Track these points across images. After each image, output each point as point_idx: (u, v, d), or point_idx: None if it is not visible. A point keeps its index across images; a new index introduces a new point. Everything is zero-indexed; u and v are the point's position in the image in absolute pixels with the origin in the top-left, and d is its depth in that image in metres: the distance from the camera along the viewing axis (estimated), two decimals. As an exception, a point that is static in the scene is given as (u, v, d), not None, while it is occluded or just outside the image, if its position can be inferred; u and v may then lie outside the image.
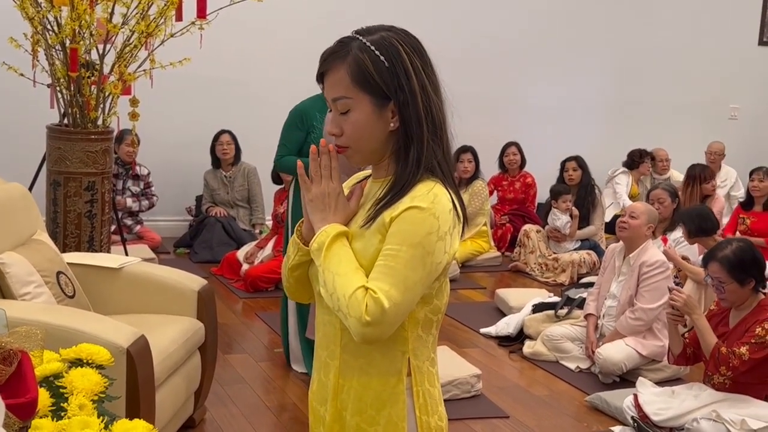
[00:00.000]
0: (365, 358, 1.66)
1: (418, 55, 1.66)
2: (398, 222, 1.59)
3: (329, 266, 1.60)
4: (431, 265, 1.59)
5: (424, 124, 1.64)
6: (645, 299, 4.54)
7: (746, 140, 9.07)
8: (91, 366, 2.00)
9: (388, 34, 1.65)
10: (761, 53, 9.22)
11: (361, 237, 1.64)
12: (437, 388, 1.74)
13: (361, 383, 1.67)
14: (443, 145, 1.68)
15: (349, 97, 1.63)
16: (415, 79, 1.63)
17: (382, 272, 1.57)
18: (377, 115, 1.63)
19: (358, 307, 1.55)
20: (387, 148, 1.67)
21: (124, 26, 4.30)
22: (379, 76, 1.61)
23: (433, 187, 1.61)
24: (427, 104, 1.65)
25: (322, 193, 1.65)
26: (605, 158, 7.95)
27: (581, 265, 6.67)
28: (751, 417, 3.56)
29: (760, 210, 6.40)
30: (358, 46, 1.63)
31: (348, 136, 1.65)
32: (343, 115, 1.65)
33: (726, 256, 3.71)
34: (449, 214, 1.61)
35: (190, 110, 7.18)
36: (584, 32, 8.37)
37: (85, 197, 4.29)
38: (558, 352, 4.80)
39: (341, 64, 1.63)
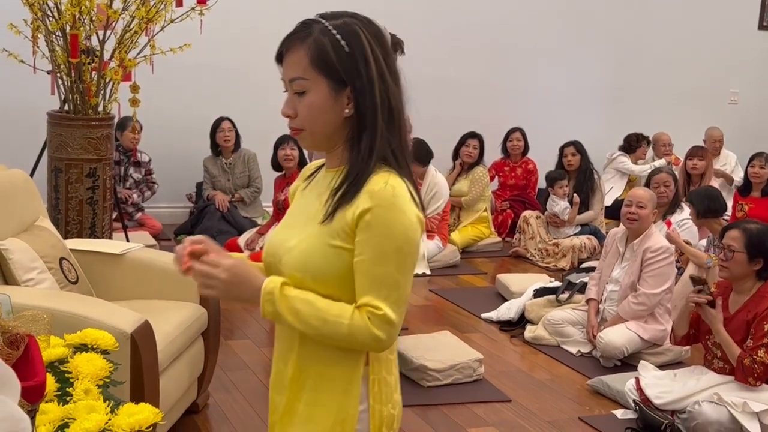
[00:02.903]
0: (322, 349, 1.65)
1: (379, 43, 1.64)
2: (368, 228, 1.56)
3: (303, 323, 1.59)
4: (415, 259, 1.61)
5: (379, 113, 1.61)
6: (648, 284, 4.54)
7: (745, 125, 9.05)
8: (96, 351, 2.01)
9: (351, 20, 1.64)
10: (761, 37, 9.19)
11: (320, 234, 1.62)
12: (394, 375, 1.74)
13: (319, 373, 1.67)
14: (399, 134, 1.65)
15: (306, 78, 1.61)
16: (374, 67, 1.61)
17: (376, 283, 1.57)
18: (333, 99, 1.61)
19: (365, 332, 1.57)
20: (341, 136, 1.65)
21: (125, 12, 4.29)
22: (338, 61, 1.60)
23: (388, 178, 1.59)
24: (385, 93, 1.62)
25: (227, 277, 1.60)
26: (605, 143, 7.95)
27: (582, 250, 6.67)
28: (752, 400, 3.58)
29: (758, 196, 6.38)
30: (320, 29, 1.62)
31: (302, 118, 1.64)
32: (298, 97, 1.63)
33: (749, 229, 3.77)
34: (411, 201, 1.60)
35: (191, 96, 7.17)
36: (585, 18, 8.35)
37: (87, 184, 4.29)
38: (559, 336, 4.81)
39: (301, 45, 1.62)
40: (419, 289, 5.86)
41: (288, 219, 1.77)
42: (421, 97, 6.81)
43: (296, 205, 1.78)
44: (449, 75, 7.73)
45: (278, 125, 6.81)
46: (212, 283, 1.62)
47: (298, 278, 1.63)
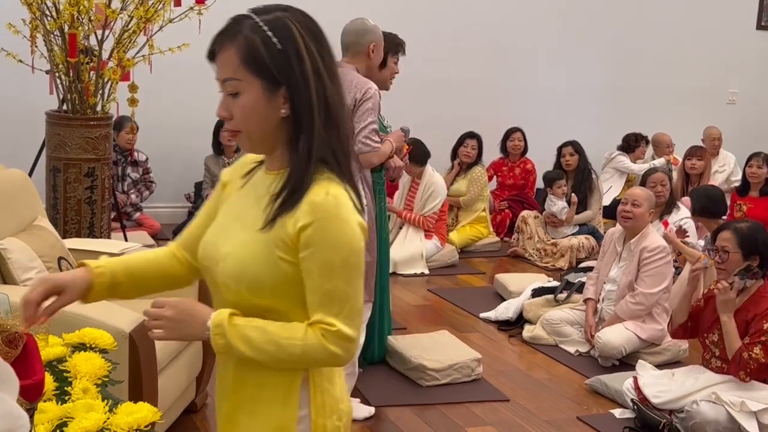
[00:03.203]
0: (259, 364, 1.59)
1: (314, 38, 1.57)
2: (312, 243, 1.51)
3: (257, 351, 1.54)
4: (362, 267, 1.56)
5: (316, 112, 1.55)
6: (646, 284, 4.55)
7: (744, 125, 9.06)
8: (94, 350, 2.02)
9: (283, 14, 1.57)
10: (760, 37, 9.20)
11: (257, 242, 1.56)
12: (338, 384, 1.67)
13: (257, 382, 1.61)
14: (338, 134, 1.58)
15: (238, 79, 1.55)
16: (309, 64, 1.54)
17: (327, 299, 1.52)
18: (267, 99, 1.55)
19: (320, 349, 1.52)
20: (279, 137, 1.58)
21: (123, 11, 4.29)
22: (270, 59, 1.53)
23: (328, 187, 1.53)
24: (321, 91, 1.55)
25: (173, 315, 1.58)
26: (604, 143, 7.95)
27: (580, 249, 6.68)
28: (750, 399, 3.58)
29: (756, 195, 6.38)
30: (250, 25, 1.55)
31: (238, 120, 1.57)
32: (232, 98, 1.56)
33: (740, 228, 3.77)
34: (354, 210, 1.55)
35: (189, 96, 7.16)
36: (584, 18, 8.35)
37: (85, 183, 4.30)
38: (557, 335, 4.81)
39: (231, 43, 1.55)
40: (417, 289, 5.86)
41: (223, 219, 1.69)
42: (420, 96, 6.90)
43: (232, 206, 1.69)
44: (448, 75, 7.73)
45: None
46: (160, 324, 1.58)
47: (232, 288, 1.57)
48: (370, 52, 3.64)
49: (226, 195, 1.75)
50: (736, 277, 3.65)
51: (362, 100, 3.51)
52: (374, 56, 3.68)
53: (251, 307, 1.57)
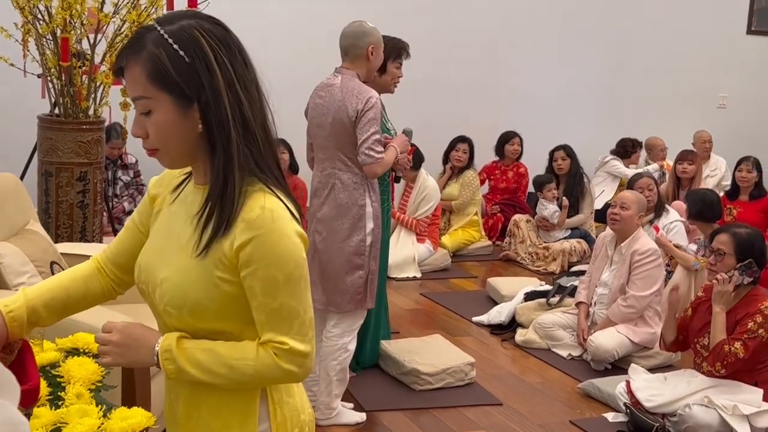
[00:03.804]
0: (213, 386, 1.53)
1: (225, 47, 1.47)
2: (253, 261, 1.45)
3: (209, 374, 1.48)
4: (306, 276, 1.51)
5: (232, 127, 1.45)
6: (637, 287, 4.56)
7: (734, 129, 9.10)
8: (88, 355, 2.00)
9: (189, 23, 1.46)
10: (750, 42, 9.25)
11: (195, 267, 1.49)
12: (297, 395, 1.63)
13: (210, 412, 1.56)
14: (259, 144, 1.49)
15: (148, 97, 1.45)
16: (220, 76, 1.45)
17: (275, 317, 1.47)
18: (181, 116, 1.46)
19: (273, 368, 1.48)
20: (198, 152, 1.51)
21: (116, 16, 4.29)
22: (178, 74, 1.43)
23: (262, 201, 1.46)
24: (235, 103, 1.46)
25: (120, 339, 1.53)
26: (597, 147, 7.97)
27: (572, 253, 6.69)
28: (742, 402, 3.60)
29: (746, 200, 6.41)
30: (154, 38, 1.44)
31: (154, 138, 1.48)
32: (145, 116, 1.47)
33: (738, 233, 3.79)
34: (291, 221, 1.48)
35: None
36: (576, 23, 8.37)
37: (77, 187, 4.28)
38: (550, 339, 4.82)
39: (137, 59, 1.45)
40: (410, 293, 5.86)
41: (157, 239, 1.62)
42: (412, 100, 6.90)
43: (164, 224, 1.62)
44: (439, 79, 7.74)
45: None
46: (106, 350, 1.53)
47: (174, 314, 1.52)
48: (369, 54, 3.64)
49: (155, 210, 1.67)
50: (736, 271, 3.68)
51: (364, 110, 3.50)
52: (374, 58, 3.67)
53: (197, 331, 1.52)
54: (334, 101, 3.56)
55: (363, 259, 3.59)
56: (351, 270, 3.58)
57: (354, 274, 3.58)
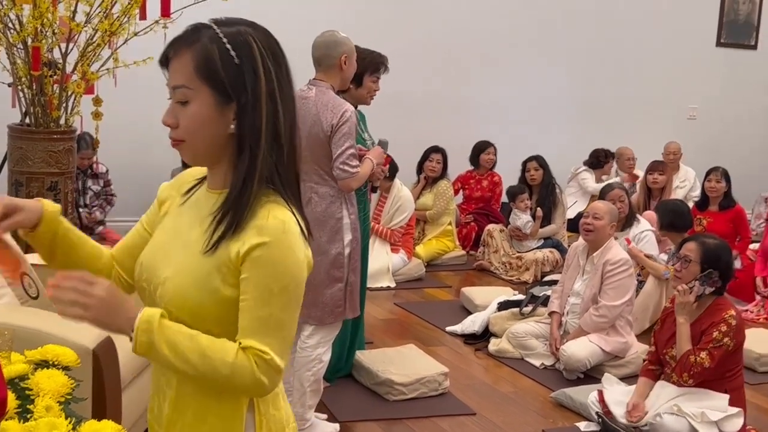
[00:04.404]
0: (201, 392, 1.55)
1: (273, 58, 1.52)
2: (255, 266, 1.46)
3: (180, 357, 1.45)
4: (301, 296, 1.52)
5: (263, 135, 1.49)
6: (609, 296, 4.60)
7: (704, 140, 9.21)
8: (57, 367, 1.98)
9: (245, 29, 1.52)
10: (719, 54, 9.37)
11: (199, 266, 1.50)
12: (283, 408, 1.64)
13: (197, 416, 1.56)
14: (286, 158, 1.52)
15: (189, 88, 1.49)
16: (264, 84, 1.49)
17: (261, 325, 1.46)
18: (217, 113, 1.50)
19: (248, 374, 1.46)
20: (224, 153, 1.53)
21: (87, 25, 4.26)
22: (225, 72, 1.48)
23: (278, 212, 1.48)
24: (272, 114, 1.50)
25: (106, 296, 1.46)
26: (567, 158, 8.02)
27: (544, 263, 6.73)
28: (709, 409, 3.63)
29: (715, 210, 6.49)
30: (210, 35, 1.49)
31: (184, 129, 1.52)
32: (181, 106, 1.51)
33: (706, 242, 3.83)
34: (300, 237, 1.50)
35: (156, 109, 7.10)
36: (547, 35, 8.44)
37: (48, 197, 4.23)
38: (523, 349, 4.84)
39: (187, 50, 1.49)
40: (384, 303, 5.86)
41: (162, 238, 1.62)
42: (386, 111, 6.91)
43: (171, 224, 1.63)
44: (413, 89, 7.77)
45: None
46: (88, 302, 1.44)
47: (173, 314, 1.51)
48: (342, 63, 3.64)
49: (163, 213, 1.69)
50: (697, 282, 3.71)
51: (339, 125, 3.51)
52: (347, 68, 3.67)
53: None
54: (309, 115, 3.56)
55: (342, 272, 3.59)
56: (330, 283, 3.58)
57: (334, 287, 3.58)
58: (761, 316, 5.83)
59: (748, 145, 9.46)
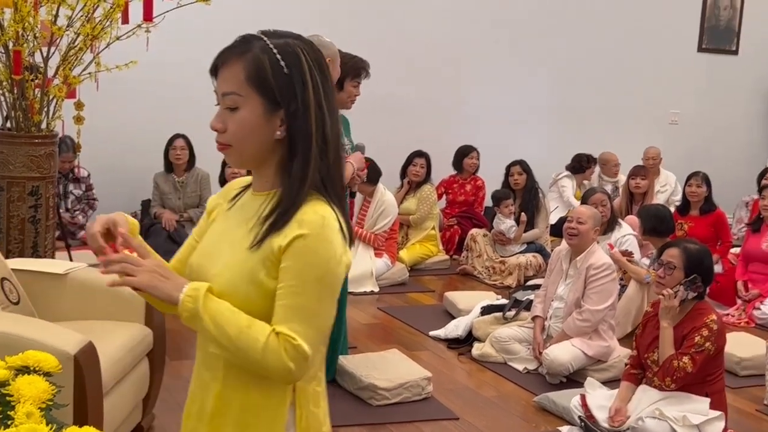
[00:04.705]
0: (249, 381, 1.60)
1: (319, 69, 1.61)
2: (293, 256, 1.53)
3: (218, 332, 1.53)
4: (336, 291, 1.57)
5: (313, 140, 1.58)
6: (592, 301, 4.62)
7: (686, 145, 9.28)
8: (38, 373, 1.97)
9: (293, 41, 1.61)
10: (701, 59, 9.45)
11: (247, 260, 1.58)
12: (322, 407, 1.70)
13: (242, 406, 1.62)
14: (331, 163, 1.61)
15: (240, 94, 1.57)
16: (312, 93, 1.58)
17: (293, 312, 1.53)
18: (265, 119, 1.58)
19: (277, 358, 1.51)
20: (269, 157, 1.61)
21: (69, 29, 4.24)
22: (275, 81, 1.56)
23: (320, 208, 1.56)
24: (320, 120, 1.59)
25: (149, 272, 1.56)
26: (549, 163, 8.06)
27: (527, 267, 6.75)
28: (691, 412, 3.65)
29: (696, 214, 6.53)
30: (261, 46, 1.58)
31: (231, 134, 1.59)
32: (230, 112, 1.59)
33: (688, 247, 3.85)
34: (339, 234, 1.57)
35: (137, 114, 7.09)
36: (530, 40, 8.48)
37: (29, 202, 4.22)
38: (506, 353, 4.85)
39: (239, 59, 1.58)
40: (367, 307, 5.86)
41: (210, 241, 1.71)
42: (370, 115, 6.93)
43: (219, 228, 1.71)
44: (397, 95, 7.78)
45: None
46: (136, 270, 1.55)
47: None
48: None
49: (211, 220, 1.77)
50: (681, 286, 3.74)
51: None
52: (331, 72, 3.68)
53: None
54: None
55: None
56: None
57: None
58: (742, 320, 5.87)
59: (729, 150, 9.54)
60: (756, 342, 5.03)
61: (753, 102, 9.76)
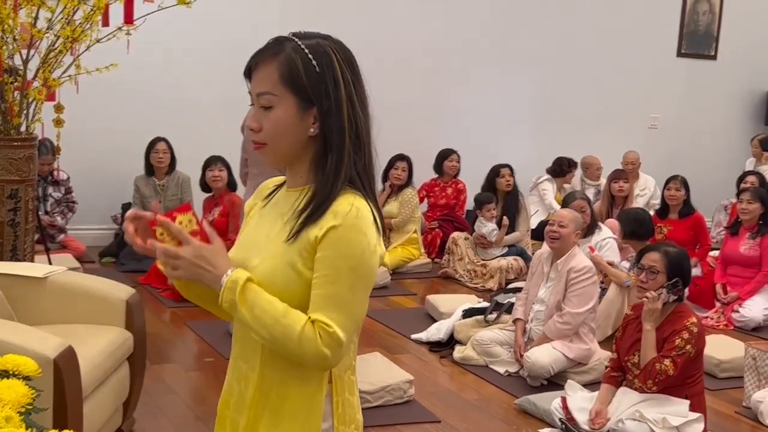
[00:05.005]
0: (285, 371, 1.65)
1: (350, 67, 1.67)
2: (328, 246, 1.58)
3: (255, 321, 1.57)
4: (370, 282, 1.63)
5: (347, 136, 1.64)
6: (573, 304, 4.64)
7: (666, 149, 9.35)
8: (18, 377, 1.96)
9: (323, 41, 1.67)
10: (680, 64, 9.53)
11: (284, 252, 1.63)
12: (356, 395, 1.76)
13: (280, 395, 1.66)
14: (364, 158, 1.67)
15: (274, 94, 1.63)
16: (343, 90, 1.64)
17: (328, 301, 1.58)
18: (299, 117, 1.63)
19: (313, 345, 1.56)
20: (303, 154, 1.67)
21: (49, 31, 4.22)
22: (308, 80, 1.62)
23: (354, 200, 1.61)
24: (352, 116, 1.65)
25: (188, 263, 1.60)
26: (530, 166, 8.09)
27: (509, 270, 6.78)
28: (670, 414, 3.68)
29: (675, 218, 6.58)
30: (293, 47, 1.64)
31: (266, 133, 1.65)
32: (265, 111, 1.65)
33: (669, 251, 3.89)
34: (373, 225, 1.62)
35: (117, 117, 7.07)
36: (510, 43, 8.52)
37: (8, 205, 4.19)
38: (487, 356, 4.86)
39: (272, 60, 1.64)
40: (349, 311, 5.85)
41: (247, 236, 1.77)
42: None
43: (255, 224, 1.77)
44: (378, 97, 7.75)
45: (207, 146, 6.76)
46: (177, 264, 1.60)
47: None
48: None
49: (248, 219, 1.82)
50: (664, 289, 3.77)
51: None
52: None
53: None
54: None
55: None
56: None
57: None
58: (721, 323, 5.92)
59: (708, 154, 9.62)
60: (734, 344, 5.08)
61: (731, 107, 9.86)
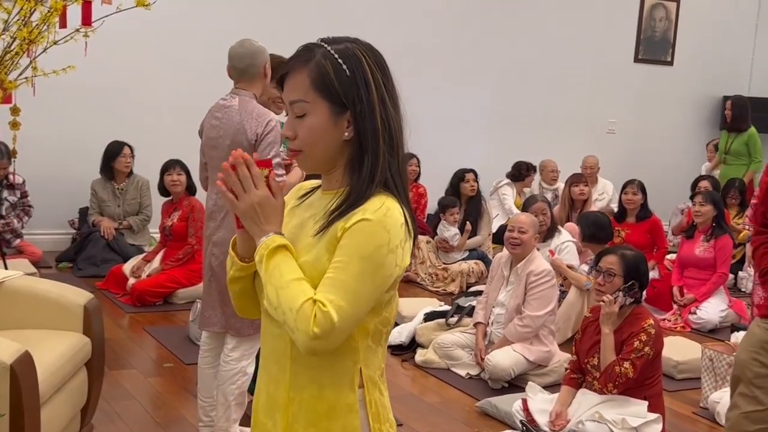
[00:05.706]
0: (316, 370, 1.64)
1: (381, 69, 1.68)
2: (349, 234, 1.58)
3: (271, 280, 1.58)
4: (381, 278, 1.59)
5: (381, 138, 1.64)
6: (532, 307, 4.68)
7: (623, 153, 9.48)
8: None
9: (353, 45, 1.68)
10: (636, 70, 9.67)
11: (312, 248, 1.63)
12: (386, 396, 1.76)
13: (313, 395, 1.65)
14: (398, 160, 1.68)
15: (306, 101, 1.63)
16: (375, 92, 1.64)
17: (332, 284, 1.56)
18: (333, 122, 1.63)
19: (306, 321, 1.54)
20: (339, 158, 1.67)
21: (5, 33, 4.15)
22: (339, 84, 1.62)
23: (385, 200, 1.61)
24: (385, 118, 1.66)
25: (249, 204, 1.61)
26: (490, 170, 8.14)
27: (470, 274, 6.82)
28: (630, 415, 3.72)
29: (633, 222, 6.67)
30: (323, 53, 1.64)
31: (301, 140, 1.65)
32: (298, 119, 1.65)
33: (626, 254, 3.94)
34: (401, 228, 1.60)
35: (74, 120, 6.98)
36: (469, 48, 8.58)
37: (-38, 209, 4.11)
38: (449, 359, 4.88)
39: (303, 67, 1.64)
40: (310, 315, 5.84)
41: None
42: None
43: (289, 221, 1.74)
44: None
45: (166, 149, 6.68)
46: (242, 195, 1.61)
47: None
48: (265, 72, 3.65)
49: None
50: (620, 293, 3.82)
51: (264, 133, 3.50)
52: (268, 76, 3.68)
53: None
54: (232, 123, 3.54)
55: None
56: None
57: None
58: (678, 325, 6.01)
59: (664, 159, 9.77)
60: (692, 346, 5.16)
61: (687, 112, 10.03)
